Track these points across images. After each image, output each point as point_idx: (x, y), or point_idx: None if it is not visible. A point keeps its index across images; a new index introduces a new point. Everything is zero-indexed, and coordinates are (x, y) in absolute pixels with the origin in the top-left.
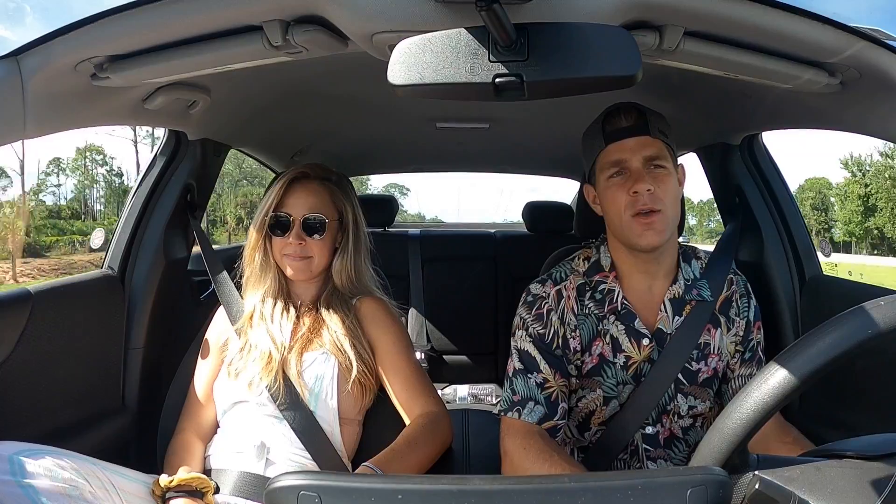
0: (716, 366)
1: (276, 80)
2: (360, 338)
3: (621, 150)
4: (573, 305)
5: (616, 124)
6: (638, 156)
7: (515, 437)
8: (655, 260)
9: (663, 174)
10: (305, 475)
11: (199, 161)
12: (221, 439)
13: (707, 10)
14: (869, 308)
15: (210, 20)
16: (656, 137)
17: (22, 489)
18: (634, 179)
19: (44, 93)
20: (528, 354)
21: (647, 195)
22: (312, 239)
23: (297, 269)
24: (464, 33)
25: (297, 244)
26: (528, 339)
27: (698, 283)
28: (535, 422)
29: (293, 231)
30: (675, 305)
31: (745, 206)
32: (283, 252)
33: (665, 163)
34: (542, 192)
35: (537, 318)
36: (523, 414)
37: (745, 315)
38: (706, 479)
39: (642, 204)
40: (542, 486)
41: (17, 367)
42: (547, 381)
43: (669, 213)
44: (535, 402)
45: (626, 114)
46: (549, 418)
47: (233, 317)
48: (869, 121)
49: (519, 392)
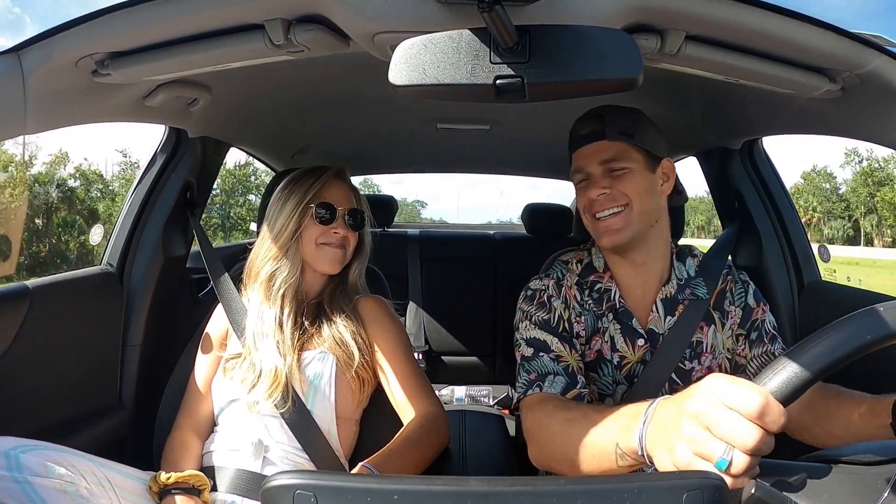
0: (710, 364)
1: (277, 79)
2: (360, 333)
3: (581, 158)
4: (575, 294)
5: (576, 132)
6: (593, 162)
7: (529, 412)
8: (642, 262)
9: (623, 173)
10: (301, 474)
11: (199, 159)
12: (218, 437)
13: (709, 15)
14: (867, 312)
15: (212, 18)
16: (614, 140)
17: (18, 485)
18: (592, 184)
19: (45, 88)
20: (537, 339)
21: (602, 198)
22: (351, 232)
23: (335, 258)
24: (465, 34)
25: (343, 234)
26: (533, 327)
27: (692, 281)
28: (559, 392)
29: (338, 221)
30: (666, 305)
31: (744, 211)
32: (321, 241)
33: (626, 163)
34: (543, 190)
35: (539, 306)
36: (544, 387)
37: (740, 301)
38: (702, 483)
39: (598, 206)
40: (538, 489)
41: (14, 362)
42: (561, 356)
43: (636, 206)
44: (555, 374)
45: (584, 121)
46: (573, 387)
47: (232, 315)
48: (870, 127)
49: (535, 370)
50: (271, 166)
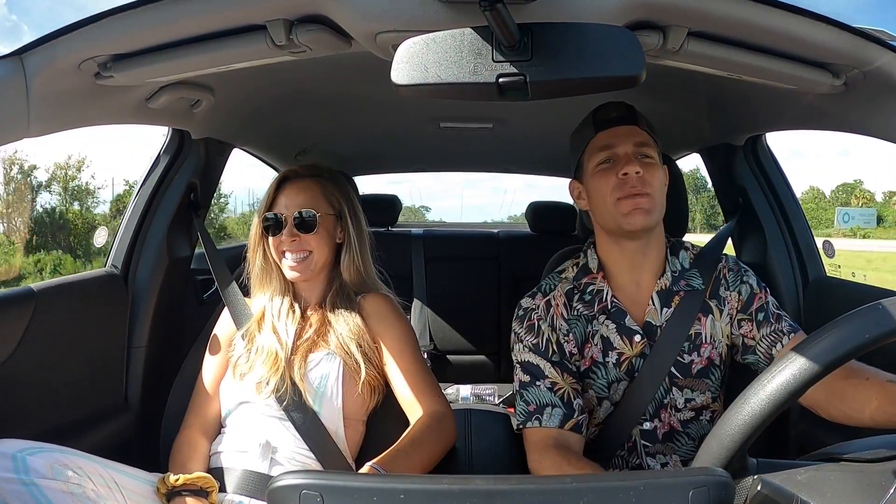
0: (709, 355)
1: (279, 79)
2: (366, 338)
3: (612, 136)
4: (562, 311)
5: (607, 114)
6: (628, 142)
7: (533, 454)
8: (642, 252)
9: (651, 163)
10: (307, 474)
11: (203, 160)
12: (226, 438)
13: (711, 11)
14: (873, 308)
15: (214, 19)
16: (644, 130)
17: (25, 487)
18: (624, 163)
19: (47, 92)
20: (530, 363)
21: (636, 177)
22: (307, 235)
23: (296, 269)
24: (468, 33)
25: (291, 241)
26: (526, 350)
27: (687, 273)
28: (557, 425)
29: (286, 229)
30: (662, 298)
31: (748, 207)
32: (279, 250)
33: (653, 153)
34: (541, 187)
35: (528, 329)
36: (543, 420)
37: (735, 286)
38: (708, 480)
39: (631, 186)
40: (544, 487)
41: (20, 365)
42: (556, 383)
43: (657, 199)
44: (552, 405)
45: (612, 107)
46: (570, 417)
47: (236, 316)
48: (872, 122)
49: (533, 401)
50: (274, 167)
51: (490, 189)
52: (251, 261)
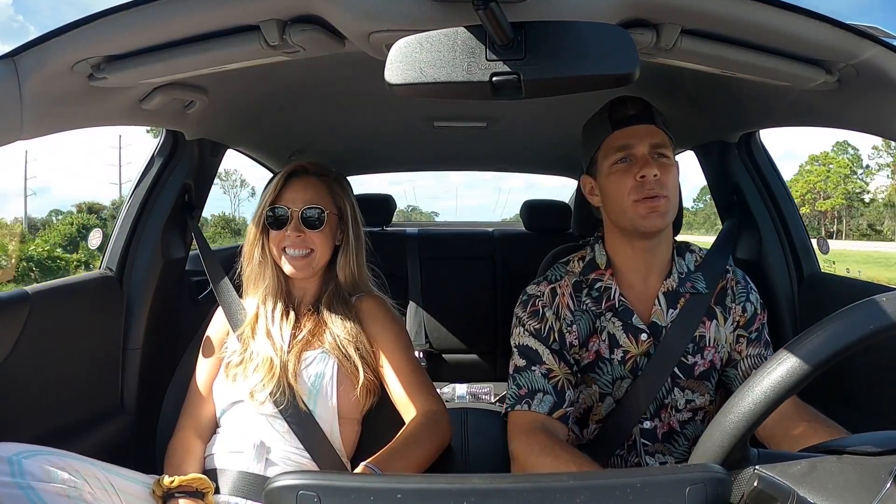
0: (712, 358)
1: (273, 79)
2: (361, 339)
3: (629, 136)
4: (568, 302)
5: (623, 112)
6: (645, 142)
7: (519, 436)
8: (652, 251)
9: (667, 164)
10: (304, 475)
11: (197, 161)
12: (221, 439)
13: (704, 9)
14: (870, 302)
15: (207, 20)
16: (661, 128)
17: (21, 490)
18: (641, 165)
19: (41, 93)
20: (529, 348)
21: (654, 180)
22: (312, 231)
23: (298, 265)
24: (461, 32)
25: (296, 236)
26: (526, 334)
27: (692, 275)
28: (546, 412)
29: (291, 224)
30: (669, 299)
31: (742, 204)
32: (281, 246)
33: (669, 153)
34: (542, 187)
35: (532, 314)
36: (533, 405)
37: (741, 301)
38: (705, 476)
39: (649, 189)
40: (541, 485)
41: (15, 367)
42: (551, 370)
43: (673, 201)
44: (544, 392)
45: (629, 103)
46: (559, 406)
47: (231, 317)
48: (866, 118)
49: (525, 385)
50: (269, 167)
51: (493, 189)
52: (247, 256)
